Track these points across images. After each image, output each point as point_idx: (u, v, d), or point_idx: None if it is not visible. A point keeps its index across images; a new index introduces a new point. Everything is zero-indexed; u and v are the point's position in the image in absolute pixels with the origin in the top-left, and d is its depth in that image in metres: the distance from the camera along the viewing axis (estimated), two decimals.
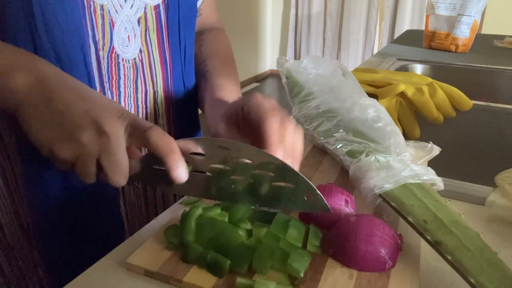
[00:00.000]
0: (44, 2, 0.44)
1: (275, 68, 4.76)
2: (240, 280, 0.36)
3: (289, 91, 0.66)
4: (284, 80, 0.66)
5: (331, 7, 4.14)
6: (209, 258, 0.37)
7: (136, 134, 0.40)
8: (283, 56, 0.69)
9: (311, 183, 0.41)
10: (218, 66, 0.64)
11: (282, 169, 0.40)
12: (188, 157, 0.42)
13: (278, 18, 4.57)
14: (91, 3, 0.48)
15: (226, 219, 0.41)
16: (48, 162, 0.42)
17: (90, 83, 0.49)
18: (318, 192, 0.40)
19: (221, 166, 0.42)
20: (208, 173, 0.43)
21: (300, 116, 0.62)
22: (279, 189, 0.40)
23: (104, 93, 0.52)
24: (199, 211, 0.41)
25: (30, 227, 0.54)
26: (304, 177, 0.40)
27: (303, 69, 0.64)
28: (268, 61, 4.73)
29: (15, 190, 0.52)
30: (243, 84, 4.28)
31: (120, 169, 0.40)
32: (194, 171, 0.43)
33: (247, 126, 0.46)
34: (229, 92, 0.58)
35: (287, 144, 0.43)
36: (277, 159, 0.40)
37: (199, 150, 0.42)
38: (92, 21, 0.48)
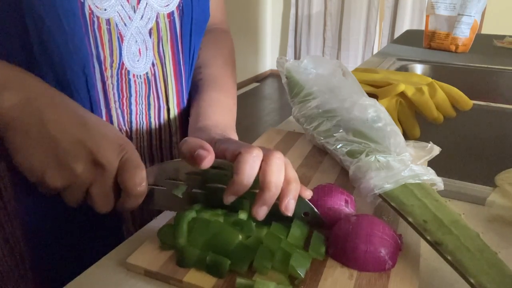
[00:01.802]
0: (39, 21, 0.40)
1: (275, 68, 4.76)
2: (240, 280, 0.36)
3: (289, 91, 0.66)
4: (284, 80, 0.66)
5: (331, 7, 4.14)
6: (208, 259, 0.37)
7: (122, 169, 0.39)
8: (283, 56, 0.68)
9: (309, 202, 0.41)
10: (214, 74, 0.59)
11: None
12: (183, 176, 0.42)
13: (278, 18, 4.57)
14: (95, 19, 0.44)
15: (221, 220, 0.41)
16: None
17: (93, 107, 0.46)
18: (316, 210, 0.41)
19: (217, 185, 0.42)
20: (201, 191, 0.43)
21: (300, 116, 0.62)
22: (275, 206, 0.40)
23: (110, 115, 0.49)
24: (192, 214, 0.41)
25: (22, 252, 0.50)
26: (303, 198, 0.41)
27: (303, 69, 0.64)
28: (268, 61, 4.73)
29: (5, 216, 0.48)
30: (243, 84, 4.28)
31: (109, 199, 0.40)
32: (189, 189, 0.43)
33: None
34: (218, 108, 0.54)
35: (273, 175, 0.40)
36: None
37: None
38: (96, 38, 0.45)
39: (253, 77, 4.46)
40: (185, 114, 0.56)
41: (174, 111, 0.55)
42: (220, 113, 0.53)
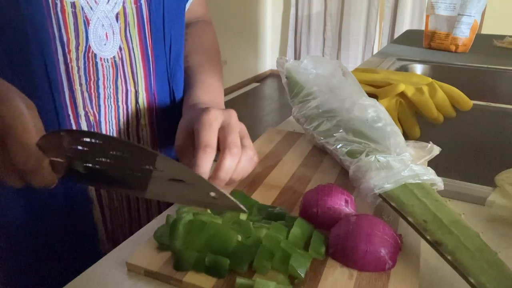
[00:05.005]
0: None
1: (275, 68, 4.76)
2: (239, 280, 0.36)
3: (289, 91, 0.66)
4: (284, 80, 0.66)
5: (331, 7, 4.14)
6: (207, 260, 0.37)
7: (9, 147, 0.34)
8: (283, 56, 0.68)
9: (217, 187, 0.36)
10: (200, 61, 0.62)
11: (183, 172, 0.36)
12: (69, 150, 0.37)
13: (278, 18, 4.57)
14: (57, 1, 0.44)
15: (219, 222, 0.41)
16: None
17: (52, 89, 0.46)
18: (226, 194, 0.36)
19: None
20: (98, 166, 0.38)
21: (300, 116, 0.62)
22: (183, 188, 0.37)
23: (74, 98, 0.48)
24: (188, 217, 0.41)
25: None
26: (208, 182, 0.36)
27: (303, 69, 0.64)
28: (268, 61, 4.73)
29: None
30: (243, 84, 4.28)
31: (18, 176, 0.36)
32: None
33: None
34: (206, 89, 0.57)
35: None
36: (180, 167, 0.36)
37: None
38: (58, 21, 0.44)
39: (253, 77, 4.46)
40: (153, 97, 0.57)
41: (142, 95, 0.55)
42: (207, 93, 0.57)
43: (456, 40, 1.29)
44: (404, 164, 0.46)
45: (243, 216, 0.43)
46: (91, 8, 0.47)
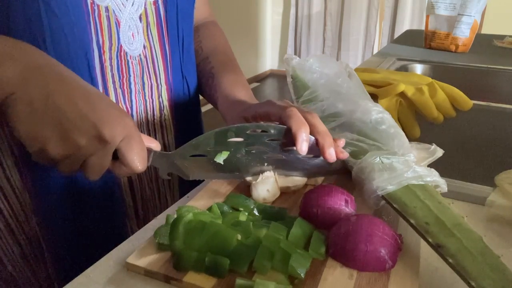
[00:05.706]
0: (52, 15, 0.45)
1: (275, 68, 4.76)
2: (239, 281, 0.36)
3: (294, 91, 0.65)
4: (289, 80, 0.66)
5: (331, 7, 4.14)
6: (207, 260, 0.37)
7: (126, 147, 0.41)
8: (290, 54, 0.68)
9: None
10: (222, 61, 0.66)
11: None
12: (225, 143, 0.47)
13: (278, 18, 4.57)
14: (95, 7, 0.49)
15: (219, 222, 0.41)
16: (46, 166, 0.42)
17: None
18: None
19: (256, 146, 0.48)
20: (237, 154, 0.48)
21: None
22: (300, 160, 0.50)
23: (107, 95, 0.52)
24: (189, 217, 0.41)
25: (38, 236, 0.55)
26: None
27: (309, 68, 0.64)
28: (268, 61, 4.73)
29: (17, 200, 0.53)
30: None
31: (101, 171, 0.41)
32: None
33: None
34: (240, 87, 0.61)
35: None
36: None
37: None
38: (96, 25, 0.49)
39: (253, 77, 4.45)
40: (171, 89, 0.61)
41: (163, 87, 0.60)
42: (241, 90, 0.62)
43: (456, 40, 1.29)
44: (407, 166, 0.45)
45: (243, 216, 0.43)
46: (120, 10, 0.51)
